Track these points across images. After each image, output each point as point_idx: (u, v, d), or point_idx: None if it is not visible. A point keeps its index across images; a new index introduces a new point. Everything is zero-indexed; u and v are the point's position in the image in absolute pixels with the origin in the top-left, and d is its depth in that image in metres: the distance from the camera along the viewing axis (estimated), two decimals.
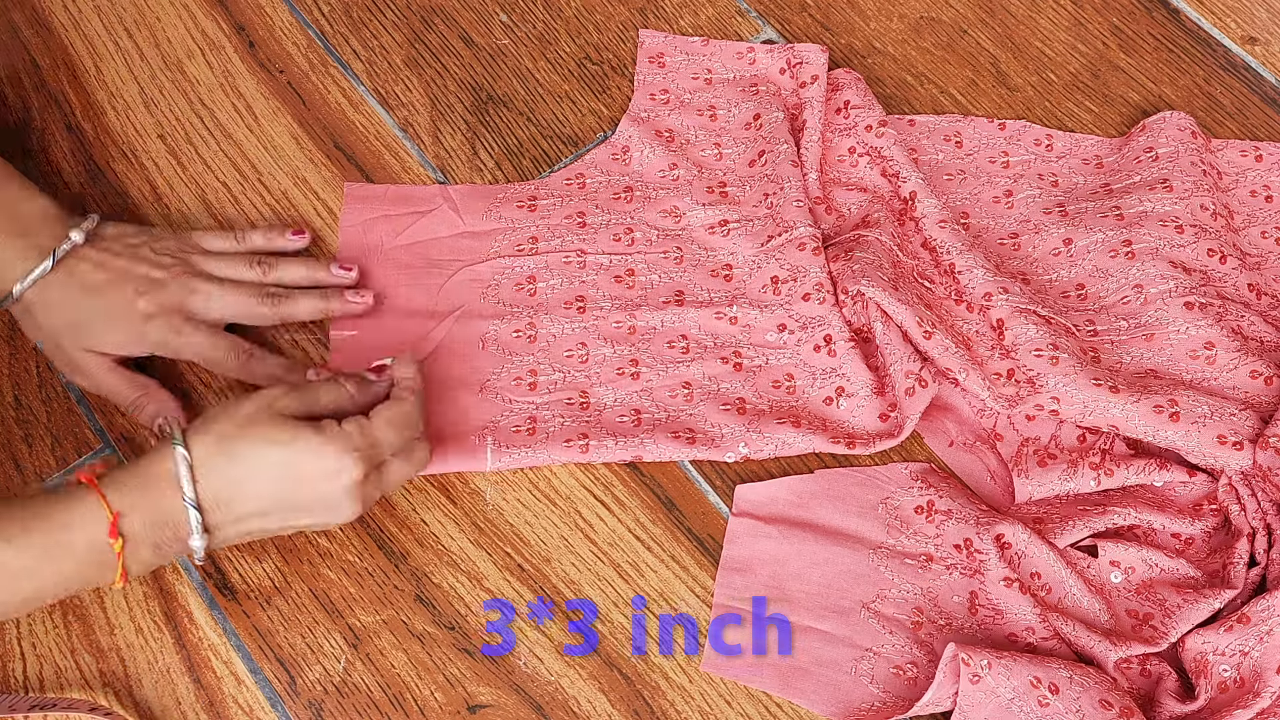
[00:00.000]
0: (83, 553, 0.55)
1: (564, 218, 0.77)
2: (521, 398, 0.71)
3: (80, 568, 0.56)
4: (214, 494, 0.57)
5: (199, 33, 0.83)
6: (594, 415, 0.70)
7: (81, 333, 0.66)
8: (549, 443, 0.69)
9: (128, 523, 0.56)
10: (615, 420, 0.70)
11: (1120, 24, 0.87)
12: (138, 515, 0.56)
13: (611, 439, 0.69)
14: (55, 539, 0.55)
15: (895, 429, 0.69)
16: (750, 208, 0.77)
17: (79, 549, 0.55)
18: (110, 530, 0.55)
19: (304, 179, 0.78)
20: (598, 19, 0.86)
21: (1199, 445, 0.67)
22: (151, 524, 0.57)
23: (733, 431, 0.69)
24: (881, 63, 0.85)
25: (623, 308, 0.74)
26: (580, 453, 0.69)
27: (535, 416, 0.70)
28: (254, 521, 0.59)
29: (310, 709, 0.63)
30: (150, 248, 0.69)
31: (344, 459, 0.58)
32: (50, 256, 0.65)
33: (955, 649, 0.60)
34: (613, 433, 0.69)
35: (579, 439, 0.69)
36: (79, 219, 0.68)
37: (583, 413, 0.70)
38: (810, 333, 0.72)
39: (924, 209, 0.75)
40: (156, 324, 0.66)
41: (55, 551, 0.55)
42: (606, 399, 0.71)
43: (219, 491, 0.57)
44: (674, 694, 0.64)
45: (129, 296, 0.66)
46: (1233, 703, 0.60)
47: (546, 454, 0.68)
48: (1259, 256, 0.77)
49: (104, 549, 0.55)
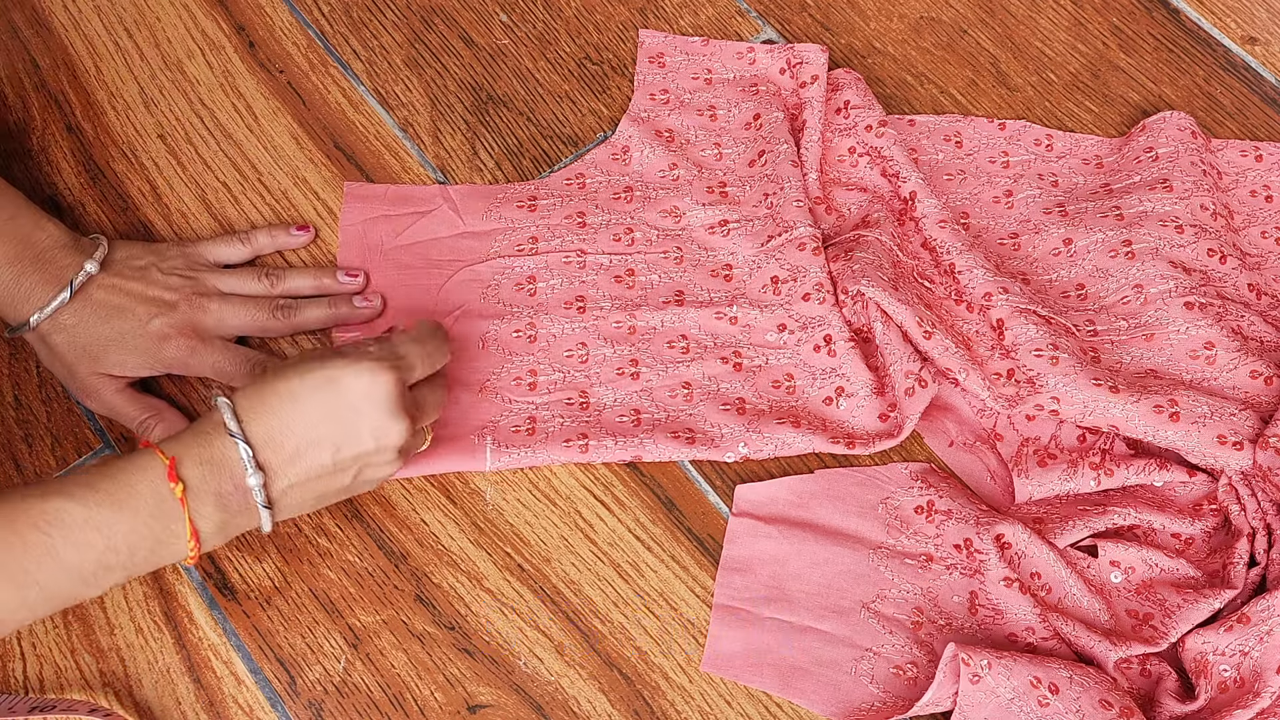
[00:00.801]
0: (148, 503, 0.55)
1: (564, 218, 0.77)
2: (521, 398, 0.71)
3: (146, 521, 0.55)
4: (263, 432, 0.57)
5: (199, 33, 0.83)
6: (594, 415, 0.70)
7: (97, 358, 0.67)
8: (548, 443, 0.69)
9: (185, 469, 0.56)
10: (615, 420, 0.70)
11: (1120, 24, 0.87)
12: (192, 461, 0.56)
13: (611, 439, 0.69)
14: (120, 485, 0.55)
15: (895, 429, 0.69)
16: (750, 208, 0.77)
17: (144, 498, 0.55)
18: (169, 473, 0.55)
19: (304, 179, 0.78)
20: (598, 19, 0.86)
21: (1199, 445, 0.67)
22: (208, 469, 0.56)
23: (732, 431, 0.69)
24: (881, 63, 0.85)
25: (623, 308, 0.74)
26: (580, 453, 0.69)
27: (535, 416, 0.70)
28: (309, 457, 0.58)
29: (310, 709, 0.63)
30: (158, 269, 0.70)
31: (375, 369, 0.58)
32: (68, 288, 0.66)
33: (955, 649, 0.60)
34: (612, 433, 0.69)
35: (579, 439, 0.69)
36: (89, 245, 0.69)
37: (582, 413, 0.70)
38: (810, 333, 0.72)
39: (924, 209, 0.75)
40: (171, 345, 0.67)
41: (121, 499, 0.54)
42: (606, 399, 0.71)
43: (268, 429, 0.57)
44: (674, 694, 0.64)
45: (142, 320, 0.67)
46: (1233, 703, 0.60)
47: (546, 454, 0.68)
48: (1259, 256, 0.77)
49: (166, 497, 0.55)
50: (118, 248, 0.70)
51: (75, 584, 0.54)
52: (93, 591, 0.55)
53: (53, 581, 0.54)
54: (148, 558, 0.56)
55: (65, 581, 0.54)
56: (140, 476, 0.55)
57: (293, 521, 0.67)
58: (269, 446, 0.57)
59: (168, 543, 0.56)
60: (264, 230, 0.74)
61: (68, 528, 0.53)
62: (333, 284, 0.73)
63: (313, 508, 0.62)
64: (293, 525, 0.67)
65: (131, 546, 0.55)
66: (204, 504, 0.56)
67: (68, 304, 0.66)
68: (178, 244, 0.73)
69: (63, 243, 0.67)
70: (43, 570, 0.53)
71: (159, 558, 0.56)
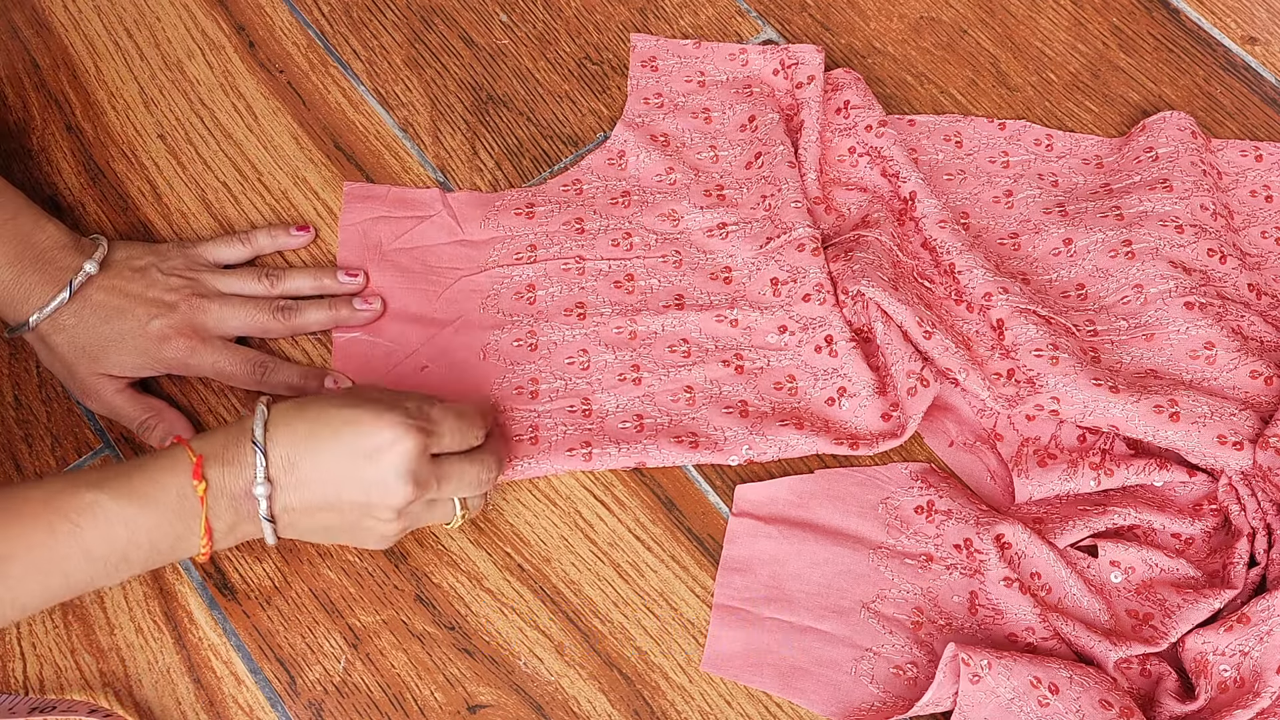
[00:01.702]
0: (173, 500, 0.56)
1: (562, 224, 0.77)
2: (523, 407, 0.70)
3: (170, 519, 0.56)
4: (282, 449, 0.58)
5: (199, 33, 0.83)
6: (596, 422, 0.70)
7: (96, 358, 0.67)
8: (551, 452, 0.69)
9: (209, 469, 0.57)
10: (618, 427, 0.70)
11: (1120, 24, 0.87)
12: (215, 461, 0.57)
13: (614, 446, 0.69)
14: (150, 481, 0.56)
15: (898, 429, 0.69)
16: (748, 210, 0.77)
17: (170, 495, 0.56)
18: (194, 471, 0.56)
19: (304, 179, 0.78)
20: (598, 19, 0.86)
21: (1199, 445, 0.67)
22: (227, 470, 0.57)
23: (736, 434, 0.69)
24: (881, 63, 0.85)
25: (623, 313, 0.74)
26: (584, 461, 0.68)
27: (537, 425, 0.70)
28: (314, 488, 0.58)
29: (310, 709, 0.63)
30: (158, 269, 0.70)
31: (401, 429, 0.58)
32: (67, 288, 0.66)
33: (955, 649, 0.60)
34: (615, 440, 0.69)
35: (582, 447, 0.69)
36: (89, 245, 0.69)
37: (585, 420, 0.70)
38: (811, 334, 0.72)
39: (924, 209, 0.75)
40: (171, 345, 0.67)
41: (150, 495, 0.56)
42: (609, 405, 0.71)
43: (287, 447, 0.58)
44: (674, 694, 0.64)
45: (142, 320, 0.67)
46: (1233, 703, 0.60)
47: (550, 464, 0.68)
48: (1259, 256, 0.77)
49: (189, 494, 0.56)
50: (117, 248, 0.70)
51: (97, 574, 0.56)
52: (110, 582, 0.57)
53: (77, 571, 0.55)
54: (166, 553, 0.57)
55: (88, 572, 0.55)
56: (170, 474, 0.56)
57: None
58: (282, 464, 0.58)
59: (185, 538, 0.57)
60: (264, 230, 0.74)
61: (97, 520, 0.54)
62: (333, 284, 0.73)
63: (322, 539, 0.62)
64: None
65: (153, 542, 0.56)
66: (220, 503, 0.57)
67: (67, 304, 0.66)
68: (178, 244, 0.73)
69: (63, 243, 0.67)
70: (69, 560, 0.54)
71: (175, 553, 0.57)
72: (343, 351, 0.72)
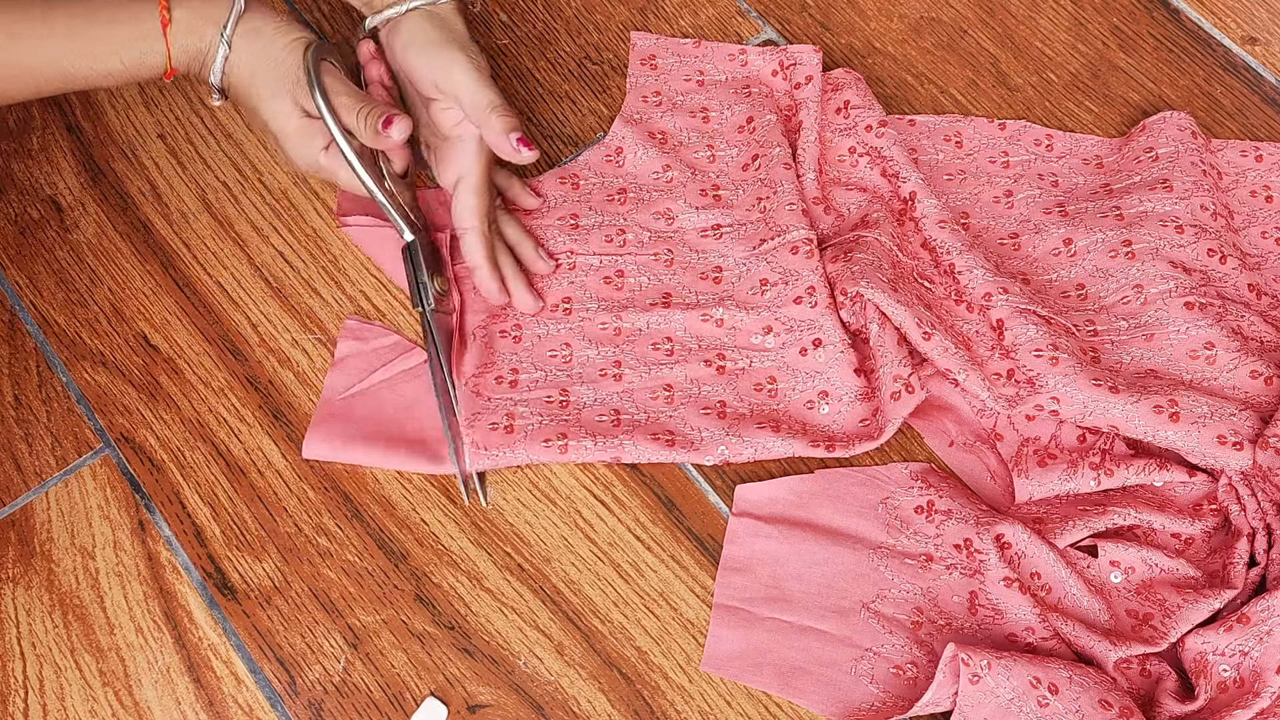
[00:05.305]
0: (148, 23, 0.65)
1: (557, 219, 0.77)
2: (501, 395, 0.70)
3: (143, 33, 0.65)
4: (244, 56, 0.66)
5: None
6: (573, 414, 0.70)
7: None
8: (527, 441, 0.68)
9: None
10: (594, 420, 0.70)
11: (1120, 24, 0.87)
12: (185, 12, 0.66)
13: (590, 439, 0.69)
14: None
15: (876, 431, 0.69)
16: (743, 211, 0.77)
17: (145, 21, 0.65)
18: None
19: (304, 178, 0.78)
20: (598, 19, 0.86)
21: (1199, 445, 0.67)
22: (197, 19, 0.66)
23: (712, 435, 0.69)
24: (881, 63, 0.85)
25: (609, 309, 0.73)
26: (559, 453, 0.68)
27: (513, 413, 0.70)
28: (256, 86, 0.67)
29: (310, 709, 0.63)
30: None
31: None
32: None
33: (955, 649, 0.60)
34: (591, 432, 0.69)
35: (558, 438, 0.69)
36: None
37: (561, 411, 0.70)
38: (798, 336, 0.72)
39: (924, 209, 0.75)
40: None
41: None
42: (586, 398, 0.71)
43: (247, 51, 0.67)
44: (674, 694, 0.64)
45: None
46: (1232, 703, 0.60)
47: (525, 453, 0.68)
48: (1259, 256, 0.77)
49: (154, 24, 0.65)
50: None
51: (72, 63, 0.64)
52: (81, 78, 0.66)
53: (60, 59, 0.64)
54: (123, 53, 0.65)
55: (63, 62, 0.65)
56: None
57: (293, 521, 0.67)
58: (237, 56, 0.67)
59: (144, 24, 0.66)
60: None
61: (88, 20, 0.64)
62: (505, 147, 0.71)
63: (260, 131, 0.69)
64: (293, 525, 0.67)
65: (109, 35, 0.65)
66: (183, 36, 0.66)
67: None
68: None
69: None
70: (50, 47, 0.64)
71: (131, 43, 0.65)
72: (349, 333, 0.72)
